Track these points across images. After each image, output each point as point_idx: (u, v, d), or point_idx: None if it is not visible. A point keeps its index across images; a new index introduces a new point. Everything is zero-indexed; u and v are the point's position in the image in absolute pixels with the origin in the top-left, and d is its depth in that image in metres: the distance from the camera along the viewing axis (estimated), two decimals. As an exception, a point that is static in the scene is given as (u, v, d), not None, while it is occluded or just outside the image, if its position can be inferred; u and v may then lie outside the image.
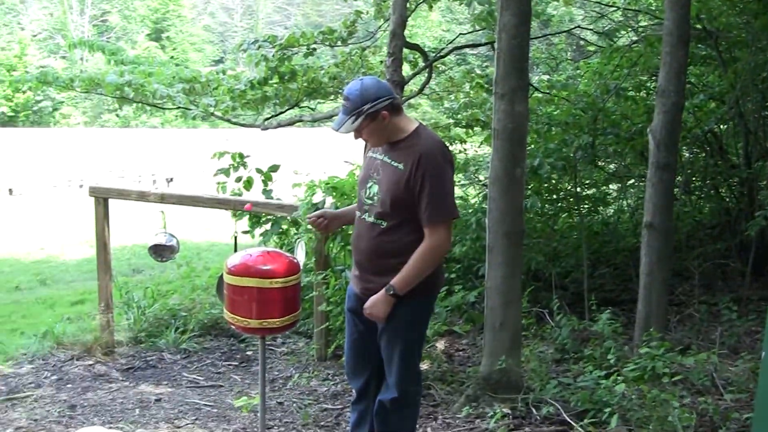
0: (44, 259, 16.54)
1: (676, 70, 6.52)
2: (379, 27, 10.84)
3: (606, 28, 11.07)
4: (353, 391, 4.99)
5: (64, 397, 6.77)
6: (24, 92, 75.54)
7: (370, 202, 4.45)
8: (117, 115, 78.37)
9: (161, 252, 8.42)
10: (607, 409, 5.29)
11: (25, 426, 6.10)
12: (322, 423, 6.03)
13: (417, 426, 5.07)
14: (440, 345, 7.31)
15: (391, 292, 4.29)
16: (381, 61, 10.76)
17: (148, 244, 8.63)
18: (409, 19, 8.85)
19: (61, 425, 6.12)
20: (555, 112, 8.92)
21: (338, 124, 4.36)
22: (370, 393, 4.79)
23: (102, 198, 7.74)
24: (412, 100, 11.25)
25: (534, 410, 5.70)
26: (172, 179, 31.61)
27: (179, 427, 6.05)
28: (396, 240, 4.36)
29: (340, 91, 10.09)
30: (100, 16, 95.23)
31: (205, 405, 6.52)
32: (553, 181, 8.55)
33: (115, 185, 12.51)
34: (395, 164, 4.32)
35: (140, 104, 11.26)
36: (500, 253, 5.83)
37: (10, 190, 28.42)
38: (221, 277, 5.90)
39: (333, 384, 6.84)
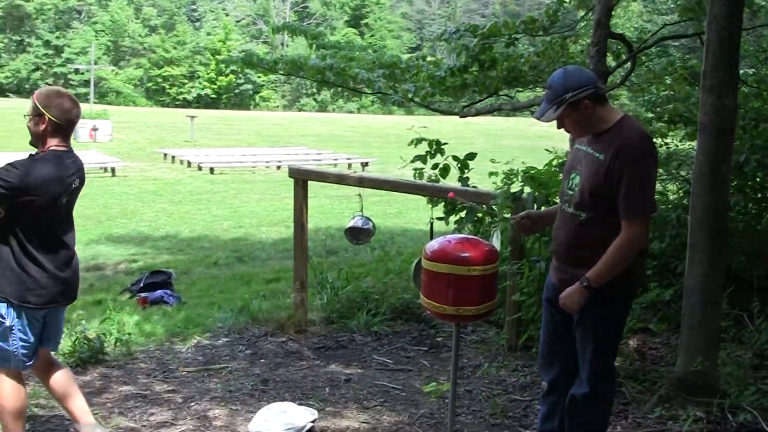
0: (242, 237, 17.05)
1: None
2: (582, 17, 10.68)
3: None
4: (543, 382, 4.94)
5: (257, 371, 6.98)
6: (226, 75, 78.54)
7: (570, 192, 4.41)
8: (315, 100, 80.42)
9: (357, 235, 8.52)
10: (811, 422, 5.06)
11: (221, 396, 6.34)
12: (510, 414, 6.01)
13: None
14: (633, 342, 7.15)
15: (585, 284, 4.24)
16: (581, 51, 10.60)
17: (343, 226, 8.78)
18: (612, 8, 8.69)
19: (254, 398, 6.32)
20: (763, 108, 8.57)
21: (541, 112, 4.36)
22: (561, 386, 4.72)
23: (301, 180, 7.91)
24: (611, 92, 11.03)
25: (730, 416, 5.50)
26: (367, 164, 32.09)
27: (368, 408, 6.15)
28: (593, 232, 4.30)
29: (540, 80, 10.01)
30: (302, 2, 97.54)
31: (394, 388, 6.60)
32: (758, 180, 8.24)
33: (312, 168, 12.76)
34: (597, 155, 4.27)
35: (339, 89, 11.44)
36: (702, 252, 5.67)
37: (212, 169, 29.44)
38: (419, 261, 5.94)
39: (522, 375, 6.81)
